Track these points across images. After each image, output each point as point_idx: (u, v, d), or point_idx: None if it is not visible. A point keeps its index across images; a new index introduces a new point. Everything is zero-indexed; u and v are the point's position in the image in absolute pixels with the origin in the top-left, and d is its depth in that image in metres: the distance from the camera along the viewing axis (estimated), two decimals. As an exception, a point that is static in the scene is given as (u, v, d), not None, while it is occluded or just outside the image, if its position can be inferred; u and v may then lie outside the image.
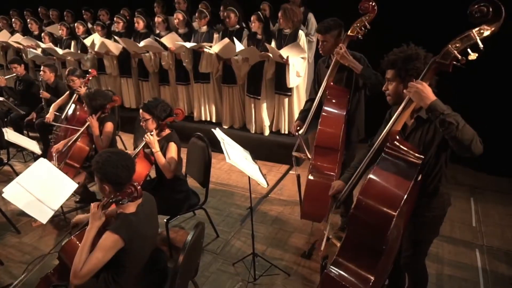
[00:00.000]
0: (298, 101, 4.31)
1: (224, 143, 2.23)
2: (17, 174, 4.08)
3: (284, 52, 3.89)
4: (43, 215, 2.25)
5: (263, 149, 4.37)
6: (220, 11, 4.77)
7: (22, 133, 4.60)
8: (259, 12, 4.18)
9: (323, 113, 2.49)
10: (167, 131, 2.71)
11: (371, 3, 2.39)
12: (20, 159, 4.66)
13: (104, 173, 1.72)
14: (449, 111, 1.52)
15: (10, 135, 3.29)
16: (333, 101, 2.49)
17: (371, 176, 1.66)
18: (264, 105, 4.36)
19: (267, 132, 4.48)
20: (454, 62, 1.52)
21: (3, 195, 2.17)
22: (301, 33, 3.97)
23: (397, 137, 1.70)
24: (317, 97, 2.63)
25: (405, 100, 1.68)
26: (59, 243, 2.42)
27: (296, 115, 4.32)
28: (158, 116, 2.62)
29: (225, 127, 4.77)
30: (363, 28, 2.47)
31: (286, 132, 4.43)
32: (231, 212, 3.55)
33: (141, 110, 2.63)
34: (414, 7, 3.94)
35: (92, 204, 1.80)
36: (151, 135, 2.61)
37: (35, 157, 4.66)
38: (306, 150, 2.65)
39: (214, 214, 3.42)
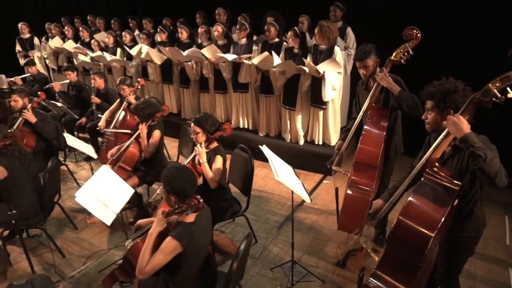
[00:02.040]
0: (333, 113, 4.45)
1: (272, 161, 2.42)
2: (71, 173, 4.48)
3: (321, 67, 4.04)
4: (107, 217, 2.54)
5: (297, 158, 4.54)
6: (262, 22, 4.95)
7: (73, 135, 4.99)
8: (295, 28, 4.34)
9: (364, 132, 2.64)
10: (215, 144, 2.94)
11: (415, 30, 2.52)
12: (72, 159, 5.05)
13: (172, 186, 1.97)
14: (479, 145, 1.66)
15: (71, 140, 3.63)
16: (374, 121, 2.64)
17: (411, 199, 1.81)
18: (299, 116, 4.53)
19: (301, 141, 4.65)
20: (494, 99, 1.65)
21: (76, 199, 2.47)
22: (337, 49, 4.10)
23: (436, 164, 1.84)
24: (358, 117, 2.78)
25: (444, 131, 1.82)
26: (121, 242, 2.70)
27: (330, 127, 4.48)
28: (208, 130, 2.85)
29: (261, 134, 4.98)
30: (406, 54, 2.59)
31: (320, 143, 4.58)
32: (268, 218, 3.75)
33: (192, 124, 2.88)
34: (456, 37, 4.01)
35: (159, 211, 2.05)
36: (200, 147, 2.85)
37: (86, 158, 5.07)
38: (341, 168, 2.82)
39: (252, 220, 3.63)
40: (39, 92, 4.08)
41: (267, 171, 4.55)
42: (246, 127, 5.12)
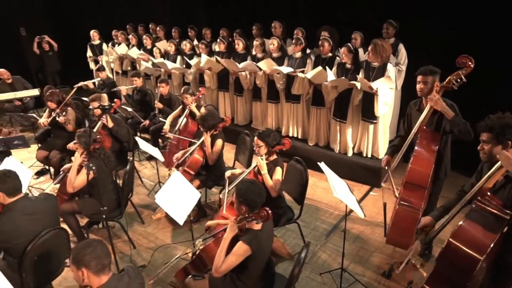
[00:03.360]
0: (383, 128, 4.59)
1: (330, 179, 2.66)
2: (137, 171, 4.95)
3: (375, 84, 4.20)
4: (180, 218, 2.89)
5: (345, 168, 4.73)
6: (316, 35, 5.18)
7: (135, 135, 5.49)
8: (349, 44, 4.52)
9: (415, 154, 2.81)
10: (274, 156, 3.23)
11: (468, 60, 2.66)
12: (136, 158, 5.56)
13: (245, 198, 2.27)
14: None
15: (141, 143, 4.06)
16: (425, 143, 2.80)
17: (462, 223, 1.99)
18: (350, 129, 4.71)
19: (350, 153, 4.83)
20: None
21: (156, 200, 2.85)
22: (390, 67, 4.23)
23: (488, 193, 2.01)
24: (409, 137, 2.95)
25: (498, 163, 1.98)
26: (196, 239, 3.05)
27: (379, 141, 4.62)
28: (269, 144, 3.15)
29: (311, 144, 5.21)
30: (458, 81, 2.74)
31: (369, 155, 4.74)
32: (316, 226, 3.99)
33: (255, 138, 3.18)
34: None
35: (231, 218, 2.37)
36: (262, 159, 3.15)
37: (148, 157, 5.56)
38: (393, 182, 3.01)
39: (302, 226, 3.86)
40: (115, 100, 4.57)
41: (315, 180, 4.78)
42: (295, 136, 5.38)
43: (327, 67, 4.56)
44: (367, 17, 5.07)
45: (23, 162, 3.88)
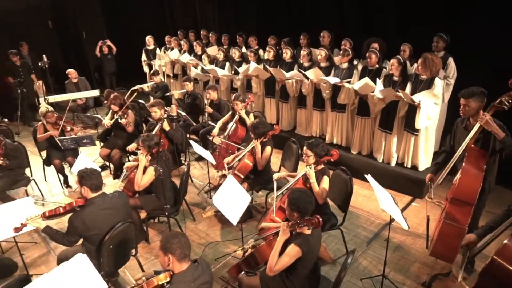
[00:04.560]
0: (425, 140, 4.63)
1: (376, 191, 2.82)
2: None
3: (417, 97, 4.27)
4: (234, 218, 3.17)
5: (388, 178, 4.81)
6: (365, 46, 5.29)
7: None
8: (399, 57, 4.60)
9: (463, 170, 2.90)
10: (322, 165, 3.43)
11: (520, 81, 2.72)
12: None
13: (297, 206, 2.50)
14: None
15: (195, 146, 4.39)
16: (473, 161, 2.88)
17: (507, 242, 2.11)
18: (395, 139, 4.80)
19: (393, 163, 4.92)
20: None
21: (213, 202, 3.15)
22: (437, 81, 4.26)
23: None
24: (456, 155, 3.04)
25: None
26: (250, 240, 3.32)
27: (420, 153, 4.66)
28: (318, 154, 3.35)
29: (354, 152, 5.34)
30: (510, 101, 2.80)
31: (409, 166, 4.80)
32: (358, 233, 4.14)
33: (305, 148, 3.40)
34: None
35: (283, 223, 2.60)
36: (310, 168, 3.36)
37: (196, 158, 5.93)
38: (431, 194, 3.12)
39: (344, 232, 4.05)
40: (172, 105, 4.95)
41: (357, 188, 4.90)
42: (339, 143, 5.53)
43: (377, 79, 4.67)
44: (416, 29, 5.11)
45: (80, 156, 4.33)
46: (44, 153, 5.35)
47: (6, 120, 8.07)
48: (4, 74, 7.72)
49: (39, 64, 7.35)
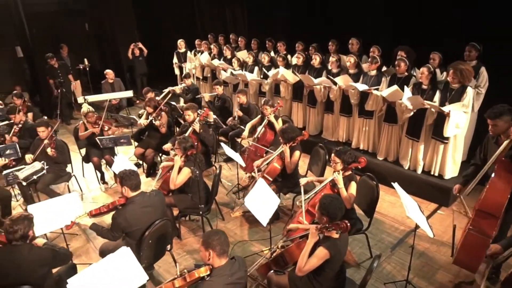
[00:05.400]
0: (454, 148, 4.65)
1: (403, 198, 2.93)
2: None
3: (447, 108, 4.30)
4: (264, 219, 3.34)
5: (414, 185, 4.86)
6: (394, 54, 5.36)
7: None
8: (429, 65, 4.65)
9: (491, 182, 2.95)
10: (349, 172, 3.55)
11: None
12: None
13: (328, 211, 2.65)
14: None
15: (226, 149, 4.59)
16: (502, 174, 2.93)
17: (530, 253, 2.18)
18: (422, 147, 4.84)
19: (419, 170, 4.96)
20: None
21: (245, 204, 3.33)
22: (469, 90, 4.28)
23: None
24: (485, 168, 3.10)
25: None
26: (277, 241, 3.47)
27: (448, 161, 4.69)
28: (346, 161, 3.48)
29: (380, 158, 5.40)
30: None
31: (436, 174, 4.83)
32: (382, 238, 4.23)
33: (333, 155, 3.53)
34: None
35: (313, 226, 2.75)
36: (338, 174, 3.49)
37: (225, 159, 6.14)
38: (467, 209, 3.17)
39: (369, 237, 4.14)
40: (205, 108, 5.18)
41: (382, 193, 4.93)
42: (365, 149, 5.60)
43: (405, 86, 4.73)
44: (447, 37, 5.12)
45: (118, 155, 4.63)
46: (83, 151, 5.70)
47: (45, 117, 8.55)
48: (46, 74, 8.23)
49: (81, 66, 7.76)
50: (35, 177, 4.14)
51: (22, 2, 7.73)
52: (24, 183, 4.04)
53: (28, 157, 4.65)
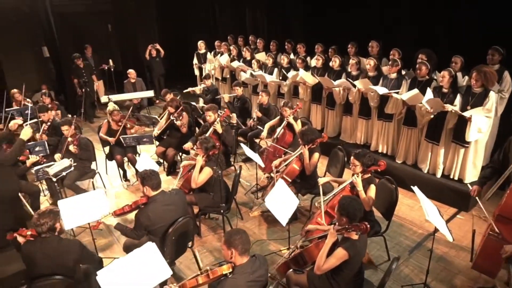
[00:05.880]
0: (475, 152, 4.61)
1: (423, 202, 2.95)
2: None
3: (468, 113, 4.27)
4: (283, 219, 3.42)
5: (433, 189, 4.84)
6: (415, 58, 5.34)
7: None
8: (450, 69, 4.62)
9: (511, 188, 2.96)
10: (369, 174, 3.59)
11: None
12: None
13: (347, 211, 2.70)
14: None
15: (246, 150, 4.67)
16: (522, 179, 2.94)
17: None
18: (442, 151, 4.81)
19: (439, 174, 4.93)
20: None
21: (265, 204, 3.42)
22: (492, 95, 4.24)
23: None
24: (507, 172, 3.09)
25: None
26: (298, 241, 3.54)
27: (468, 165, 4.65)
28: (365, 164, 3.51)
29: (398, 161, 5.40)
30: None
31: (456, 178, 4.80)
32: (400, 241, 4.24)
33: (352, 158, 3.57)
34: None
35: (331, 227, 2.81)
36: (357, 177, 3.53)
37: (243, 160, 6.23)
38: (485, 213, 3.17)
39: (386, 240, 4.16)
40: (225, 109, 5.28)
41: (401, 196, 4.91)
42: (384, 152, 5.60)
43: (428, 88, 4.71)
44: (468, 41, 5.08)
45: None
46: (107, 149, 5.89)
47: (70, 116, 8.83)
48: (71, 74, 8.50)
49: (105, 67, 7.97)
50: (64, 173, 4.32)
51: (51, 3, 8.01)
52: (54, 179, 4.22)
53: (57, 156, 4.85)
